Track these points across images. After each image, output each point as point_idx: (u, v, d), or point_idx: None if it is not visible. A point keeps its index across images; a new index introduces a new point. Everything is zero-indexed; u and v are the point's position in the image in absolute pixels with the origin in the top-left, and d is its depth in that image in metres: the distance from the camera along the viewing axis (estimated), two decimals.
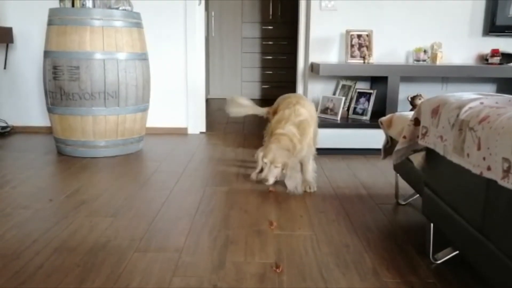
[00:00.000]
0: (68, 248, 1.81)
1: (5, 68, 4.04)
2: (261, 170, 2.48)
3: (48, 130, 4.01)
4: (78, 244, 1.85)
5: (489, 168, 1.14)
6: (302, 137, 2.51)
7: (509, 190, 1.07)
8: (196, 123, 4.21)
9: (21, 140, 3.82)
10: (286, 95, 2.87)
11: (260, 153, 2.50)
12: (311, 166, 2.64)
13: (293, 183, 2.44)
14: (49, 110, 3.33)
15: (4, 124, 4.06)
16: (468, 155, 1.26)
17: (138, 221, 2.10)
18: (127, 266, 1.67)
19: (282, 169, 2.45)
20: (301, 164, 2.62)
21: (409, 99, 3.69)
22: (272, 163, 2.43)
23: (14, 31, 3.98)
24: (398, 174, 2.36)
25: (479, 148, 1.19)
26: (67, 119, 3.23)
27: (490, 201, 1.22)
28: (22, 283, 1.54)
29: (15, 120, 4.14)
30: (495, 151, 1.10)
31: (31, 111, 4.15)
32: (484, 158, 1.16)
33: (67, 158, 3.26)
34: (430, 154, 1.70)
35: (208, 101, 6.75)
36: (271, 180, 2.45)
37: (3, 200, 2.36)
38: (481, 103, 1.32)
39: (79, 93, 3.15)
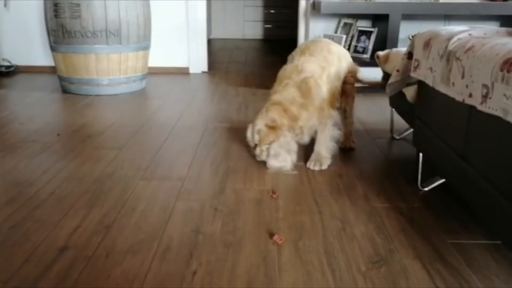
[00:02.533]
0: (77, 177, 1.93)
1: (5, 6, 4.02)
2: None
3: (52, 70, 4.06)
4: (86, 174, 1.96)
5: (470, 95, 1.20)
6: (308, 101, 1.98)
7: (487, 116, 1.14)
8: (198, 63, 4.24)
9: (26, 80, 3.87)
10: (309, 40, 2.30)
11: (248, 130, 2.12)
12: (326, 135, 2.08)
13: (276, 164, 2.00)
14: (52, 49, 3.37)
15: (8, 64, 4.10)
16: (453, 84, 1.32)
17: (143, 154, 2.20)
18: (133, 193, 1.79)
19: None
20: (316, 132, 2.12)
21: (410, 38, 3.68)
22: (260, 143, 2.04)
23: None
24: (393, 110, 2.43)
25: (463, 77, 1.25)
26: (70, 58, 3.27)
27: (471, 127, 1.29)
28: (36, 207, 1.66)
29: (18, 59, 4.17)
30: (476, 78, 1.16)
31: (34, 50, 4.17)
32: (466, 86, 1.23)
33: (72, 96, 3.34)
34: (422, 86, 1.76)
35: (210, 41, 6.71)
36: (260, 158, 2.06)
37: (13, 134, 2.46)
38: (470, 34, 1.37)
39: (81, 31, 3.17)
